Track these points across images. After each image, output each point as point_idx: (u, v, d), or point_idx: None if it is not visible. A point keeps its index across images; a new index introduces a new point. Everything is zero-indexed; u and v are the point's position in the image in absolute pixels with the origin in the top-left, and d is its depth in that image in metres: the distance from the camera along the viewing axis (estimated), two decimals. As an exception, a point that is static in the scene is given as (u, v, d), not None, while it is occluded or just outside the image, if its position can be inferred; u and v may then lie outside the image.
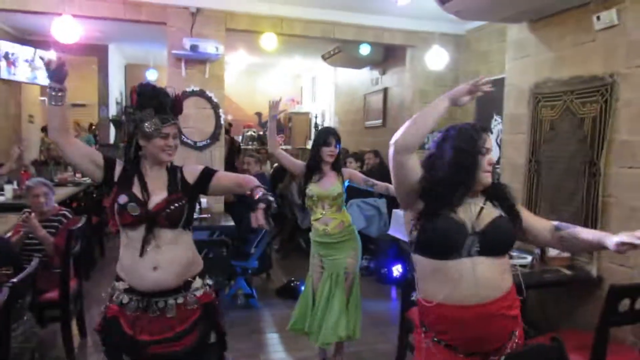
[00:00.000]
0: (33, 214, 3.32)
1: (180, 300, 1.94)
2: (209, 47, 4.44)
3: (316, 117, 10.37)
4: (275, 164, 7.90)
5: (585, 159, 3.20)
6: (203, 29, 4.76)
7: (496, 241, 1.67)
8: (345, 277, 3.23)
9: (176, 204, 1.93)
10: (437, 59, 4.85)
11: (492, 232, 1.67)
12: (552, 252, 3.17)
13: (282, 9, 4.75)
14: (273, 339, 4.00)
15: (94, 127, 10.17)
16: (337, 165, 3.28)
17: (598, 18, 3.05)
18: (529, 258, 3.20)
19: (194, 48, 4.38)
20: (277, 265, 5.84)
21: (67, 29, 3.98)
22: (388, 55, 6.95)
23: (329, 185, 3.23)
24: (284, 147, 9.85)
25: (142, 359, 1.91)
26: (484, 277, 1.63)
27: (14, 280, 2.23)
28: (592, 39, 3.15)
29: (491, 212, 1.71)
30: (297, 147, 9.83)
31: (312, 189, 3.20)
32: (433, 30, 5.25)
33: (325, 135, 3.22)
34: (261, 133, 9.85)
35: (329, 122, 9.80)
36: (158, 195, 1.94)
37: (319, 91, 10.59)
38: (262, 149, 8.93)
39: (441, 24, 5.22)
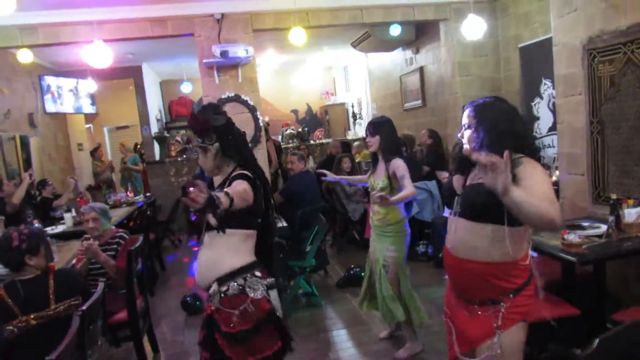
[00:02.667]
0: (92, 240, 3.39)
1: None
2: (238, 51, 4.41)
3: (353, 107, 10.23)
4: (319, 159, 7.84)
5: (656, 112, 2.94)
6: (230, 34, 4.73)
7: (467, 203, 1.85)
8: (386, 270, 3.28)
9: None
10: (474, 28, 4.61)
11: (465, 194, 1.89)
12: (630, 217, 2.92)
13: (308, 1, 4.65)
14: (341, 335, 3.93)
15: (138, 146, 10.47)
16: (386, 157, 3.23)
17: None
18: (604, 227, 2.97)
19: (224, 54, 4.36)
20: (333, 260, 5.78)
21: (100, 54, 4.04)
22: (420, 32, 6.71)
23: (378, 176, 3.30)
24: (323, 140, 9.80)
25: None
26: (460, 237, 1.90)
27: (83, 308, 2.26)
28: (649, -20, 2.87)
29: (479, 178, 1.77)
30: (337, 138, 9.72)
31: (369, 179, 3.42)
32: (466, -1, 5.01)
33: (365, 128, 3.38)
34: (300, 130, 9.81)
35: (367, 109, 9.64)
36: None
37: (352, 80, 10.44)
38: (302, 145, 8.90)
39: (474, -9, 4.97)
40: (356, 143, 8.19)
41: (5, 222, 4.14)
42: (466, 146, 1.90)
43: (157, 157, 9.09)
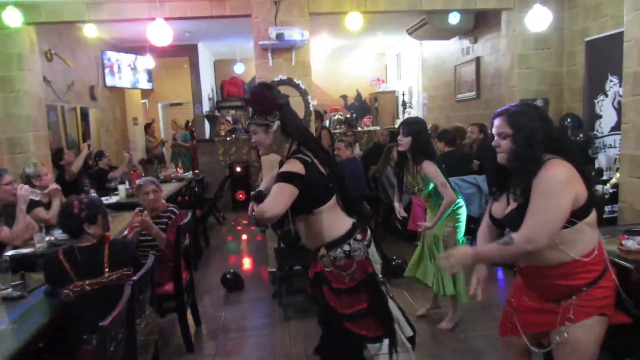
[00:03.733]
0: (146, 212, 3.52)
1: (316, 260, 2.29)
2: (294, 34, 4.40)
3: (403, 95, 10.07)
4: (366, 147, 7.79)
5: None
6: (287, 17, 4.73)
7: (516, 225, 1.87)
8: (445, 245, 3.48)
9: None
10: (539, 19, 4.40)
11: (510, 221, 1.94)
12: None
13: (366, -15, 4.58)
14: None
15: (190, 124, 10.75)
16: (416, 158, 3.39)
17: None
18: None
19: (279, 36, 4.37)
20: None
21: (161, 32, 4.14)
22: (479, 21, 6.50)
23: (414, 177, 3.52)
24: (371, 128, 9.70)
25: None
26: None
27: (134, 278, 2.36)
28: None
29: (511, 203, 1.95)
30: (385, 126, 9.62)
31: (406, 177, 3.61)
32: (532, -12, 4.78)
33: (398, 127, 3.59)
34: (348, 116, 9.76)
35: (417, 98, 9.47)
36: None
37: (405, 68, 10.26)
38: (349, 132, 8.86)
39: (541, -20, 4.73)
40: (404, 132, 8.06)
41: (63, 189, 4.38)
42: (501, 156, 1.91)
43: (207, 136, 9.30)
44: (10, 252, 3.26)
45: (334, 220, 2.22)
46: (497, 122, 1.93)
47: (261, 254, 5.85)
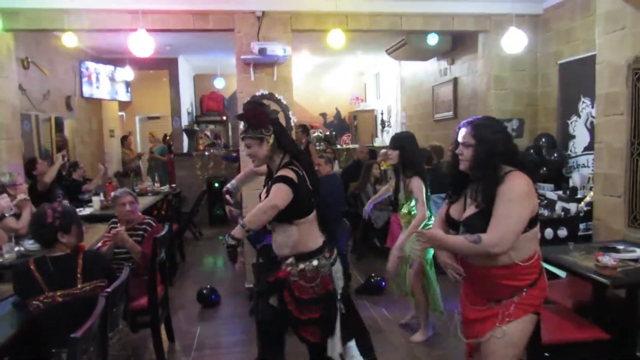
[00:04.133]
0: (120, 225, 3.44)
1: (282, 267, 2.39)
2: (276, 49, 4.43)
3: (382, 114, 10.18)
4: (345, 164, 7.82)
5: (702, 138, 2.84)
6: (269, 32, 4.76)
7: (473, 230, 2.03)
8: (410, 264, 3.61)
9: None
10: (514, 42, 4.54)
11: (469, 224, 2.08)
12: (666, 243, 2.83)
13: (348, 4, 4.65)
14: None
15: (168, 137, 10.63)
16: (406, 173, 3.52)
17: None
18: (639, 251, 2.89)
19: (262, 51, 4.39)
20: (353, 266, 5.74)
21: (142, 44, 4.11)
22: (456, 43, 6.65)
23: (401, 190, 3.64)
24: (350, 146, 9.76)
25: None
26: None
27: (108, 290, 2.29)
28: None
29: (470, 206, 2.10)
30: (364, 144, 9.69)
31: (394, 191, 3.74)
32: (507, 12, 4.93)
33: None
34: (327, 133, 9.81)
35: (396, 117, 9.58)
36: None
37: (384, 87, 10.39)
38: (328, 149, 8.89)
39: (516, 5, 4.90)
40: (383, 151, 8.12)
41: (35, 200, 4.25)
42: (464, 164, 2.07)
43: (185, 150, 9.21)
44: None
45: (310, 234, 2.37)
46: (462, 132, 2.08)
47: (232, 270, 5.77)
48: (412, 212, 3.52)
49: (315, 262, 2.33)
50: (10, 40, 4.80)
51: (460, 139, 2.08)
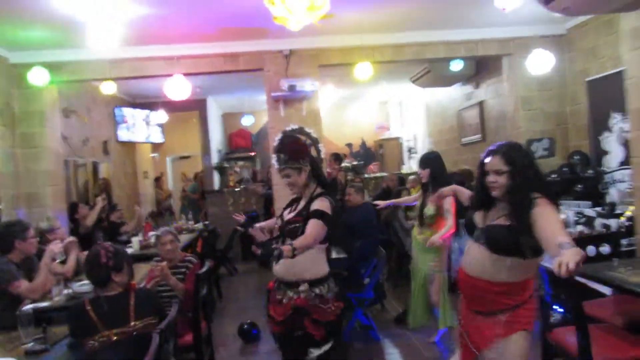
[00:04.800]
0: (165, 263, 3.53)
1: (290, 294, 2.46)
2: (305, 85, 4.59)
3: (408, 141, 10.23)
4: (375, 193, 7.84)
5: None
6: (297, 69, 4.94)
7: (492, 238, 2.11)
8: (430, 280, 3.81)
9: (296, 224, 2.47)
10: (540, 62, 4.58)
11: (488, 231, 2.15)
12: None
13: (373, 37, 4.80)
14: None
15: (199, 176, 10.89)
16: (436, 188, 3.47)
17: None
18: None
19: (291, 88, 4.54)
20: (389, 294, 5.70)
21: (179, 87, 4.31)
22: (480, 67, 6.72)
23: (428, 205, 3.78)
24: (378, 174, 9.80)
25: None
26: (477, 261, 2.16)
27: (161, 326, 2.36)
28: None
29: (500, 218, 2.13)
30: (391, 172, 9.71)
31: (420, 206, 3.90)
32: (530, 34, 5.00)
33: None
34: (355, 163, 9.88)
35: (422, 143, 9.62)
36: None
37: (407, 114, 10.48)
38: (357, 179, 8.94)
39: (539, 27, 4.96)
40: (411, 177, 8.13)
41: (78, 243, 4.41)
42: (497, 191, 2.11)
43: (217, 187, 9.41)
44: (29, 306, 3.26)
45: (322, 260, 2.52)
46: (491, 159, 2.12)
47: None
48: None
49: (325, 287, 2.47)
50: (54, 93, 5.10)
51: (491, 167, 2.11)
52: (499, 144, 2.16)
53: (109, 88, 5.75)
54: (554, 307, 3.21)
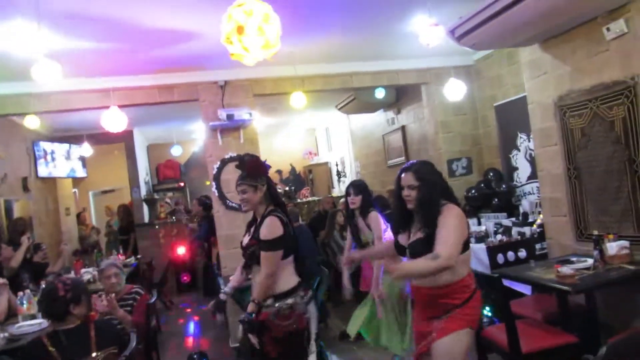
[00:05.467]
0: (112, 295, 3.48)
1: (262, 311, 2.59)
2: (243, 114, 4.76)
3: (337, 165, 10.64)
4: (311, 217, 8.07)
5: (623, 158, 3.36)
6: (232, 99, 5.10)
7: (416, 253, 2.41)
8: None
9: (252, 247, 2.65)
10: (455, 90, 5.11)
11: (412, 247, 2.46)
12: (612, 250, 3.25)
13: (305, 68, 5.09)
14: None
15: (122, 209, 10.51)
16: (363, 212, 3.81)
17: (608, 29, 3.28)
18: (590, 260, 3.29)
19: (229, 117, 4.69)
20: (331, 313, 5.89)
21: (115, 120, 4.30)
22: (401, 95, 7.26)
23: (365, 231, 3.86)
24: (310, 198, 10.07)
25: None
26: None
27: (126, 354, 2.38)
28: (605, 48, 3.37)
29: (417, 232, 2.45)
30: (320, 196, 10.02)
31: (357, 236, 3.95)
32: (444, 65, 5.56)
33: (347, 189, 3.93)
34: (287, 189, 10.09)
35: (350, 167, 10.05)
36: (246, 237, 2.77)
37: (335, 140, 10.92)
38: (289, 204, 9.14)
39: (452, 58, 5.54)
40: (342, 200, 8.50)
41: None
42: (412, 203, 2.43)
43: (147, 219, 9.16)
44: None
45: (287, 275, 2.64)
46: (405, 176, 2.45)
47: (218, 332, 5.76)
48: None
49: (290, 301, 2.58)
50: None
51: (405, 183, 2.44)
52: (411, 162, 2.53)
53: (32, 122, 5.53)
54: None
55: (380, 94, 6.67)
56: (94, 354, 2.43)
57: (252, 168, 2.67)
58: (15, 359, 3.19)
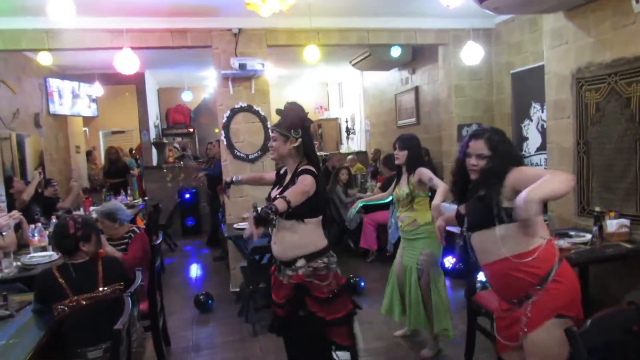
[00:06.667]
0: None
1: (289, 273, 2.46)
2: (255, 64, 4.71)
3: (347, 122, 10.59)
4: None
5: (635, 136, 3.33)
6: (245, 48, 5.03)
7: (469, 221, 2.18)
8: (419, 274, 3.48)
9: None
10: (472, 54, 5.01)
11: (467, 214, 2.21)
12: (611, 227, 3.29)
13: (321, 20, 4.98)
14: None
15: (134, 151, 10.61)
16: (410, 168, 3.52)
17: (637, 1, 3.18)
18: (588, 236, 3.33)
19: (242, 66, 4.66)
20: (330, 267, 6.04)
21: (128, 61, 4.29)
22: (417, 55, 7.13)
23: (401, 187, 3.61)
24: (317, 153, 10.09)
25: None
26: (477, 249, 2.16)
27: (131, 290, 2.50)
28: (632, 21, 3.28)
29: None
30: (329, 152, 10.05)
31: (394, 191, 3.65)
32: (464, 27, 5.42)
33: (394, 143, 3.63)
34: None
35: (360, 125, 10.01)
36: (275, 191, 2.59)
37: (347, 96, 10.81)
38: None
39: (472, 20, 5.38)
40: (350, 157, 8.53)
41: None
42: (475, 174, 2.13)
43: (155, 163, 9.27)
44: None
45: (317, 235, 2.48)
46: (475, 143, 2.13)
47: (220, 276, 5.96)
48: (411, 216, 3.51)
49: (325, 260, 2.44)
50: (-16, 61, 4.85)
51: (474, 151, 2.12)
52: (482, 128, 2.21)
53: (45, 59, 5.52)
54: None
55: (396, 52, 6.56)
56: (100, 288, 2.55)
57: (286, 117, 2.46)
58: (29, 288, 3.36)
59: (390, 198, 3.93)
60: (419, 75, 7.26)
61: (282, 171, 2.68)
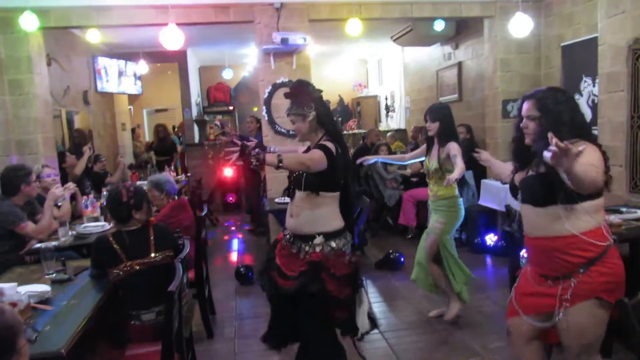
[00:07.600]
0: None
1: (307, 249, 2.44)
2: (297, 39, 4.71)
3: (386, 99, 10.46)
4: (355, 148, 8.12)
5: (696, 109, 3.17)
6: (287, 23, 5.02)
7: (528, 192, 2.07)
8: (427, 237, 3.72)
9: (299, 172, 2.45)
10: (520, 26, 4.83)
11: (525, 185, 2.10)
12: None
13: (362, -7, 4.92)
14: (382, 307, 4.23)
15: (176, 129, 10.88)
16: (442, 140, 3.50)
17: None
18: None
19: (284, 41, 4.66)
20: (369, 242, 6.07)
21: (173, 37, 4.36)
22: (460, 29, 6.93)
23: (432, 159, 3.62)
24: (356, 131, 10.05)
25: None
26: (529, 220, 2.09)
27: (181, 256, 2.60)
28: (696, -13, 3.08)
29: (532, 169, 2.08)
30: (368, 129, 9.97)
31: (425, 161, 3.71)
32: (513, -2, 5.22)
33: (425, 114, 3.63)
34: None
35: (400, 102, 9.87)
36: None
37: (386, 73, 10.66)
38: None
39: (521, -9, 5.18)
40: (389, 134, 8.46)
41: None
42: (529, 137, 2.03)
43: (197, 140, 9.47)
44: (39, 245, 3.43)
45: (334, 213, 2.48)
46: (526, 105, 2.05)
47: (260, 250, 6.09)
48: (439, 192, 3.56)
49: (343, 240, 2.45)
50: (40, 38, 5.04)
51: (524, 113, 2.04)
52: (537, 89, 2.07)
53: (93, 36, 5.69)
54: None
55: (439, 26, 6.39)
56: (152, 254, 2.66)
57: (296, 96, 2.47)
58: (80, 256, 3.56)
59: (410, 162, 4.11)
60: (462, 50, 7.06)
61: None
